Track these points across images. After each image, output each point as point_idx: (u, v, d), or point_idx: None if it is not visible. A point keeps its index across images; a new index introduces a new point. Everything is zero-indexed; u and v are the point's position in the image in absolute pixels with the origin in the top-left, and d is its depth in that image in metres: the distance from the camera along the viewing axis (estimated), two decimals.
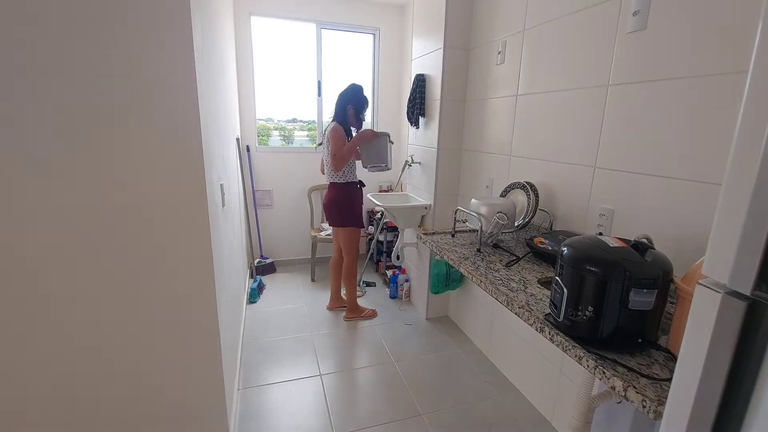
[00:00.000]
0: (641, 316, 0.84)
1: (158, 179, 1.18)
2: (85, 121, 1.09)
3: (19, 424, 1.24)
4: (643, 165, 1.30)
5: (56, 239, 1.14)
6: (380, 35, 3.54)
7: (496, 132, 2.15)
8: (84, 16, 1.03)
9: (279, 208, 3.58)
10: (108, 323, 1.25)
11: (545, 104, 1.76)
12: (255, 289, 2.98)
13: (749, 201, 0.50)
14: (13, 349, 1.18)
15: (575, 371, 1.63)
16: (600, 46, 1.44)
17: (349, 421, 1.80)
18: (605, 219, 1.44)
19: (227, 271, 1.77)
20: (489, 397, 1.99)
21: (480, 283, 1.29)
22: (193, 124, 1.19)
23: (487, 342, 2.33)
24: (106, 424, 1.33)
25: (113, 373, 1.29)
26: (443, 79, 2.39)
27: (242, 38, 3.18)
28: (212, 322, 1.36)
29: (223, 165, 1.86)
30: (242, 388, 1.99)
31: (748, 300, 0.51)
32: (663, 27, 1.22)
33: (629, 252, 0.85)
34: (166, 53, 1.11)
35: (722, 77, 1.06)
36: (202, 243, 1.28)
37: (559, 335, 0.93)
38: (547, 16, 1.72)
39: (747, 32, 1.01)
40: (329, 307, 2.88)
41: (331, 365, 2.22)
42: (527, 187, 1.73)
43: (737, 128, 0.52)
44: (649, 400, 0.72)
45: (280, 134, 3.66)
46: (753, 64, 0.50)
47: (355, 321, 2.73)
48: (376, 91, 3.68)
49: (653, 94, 1.25)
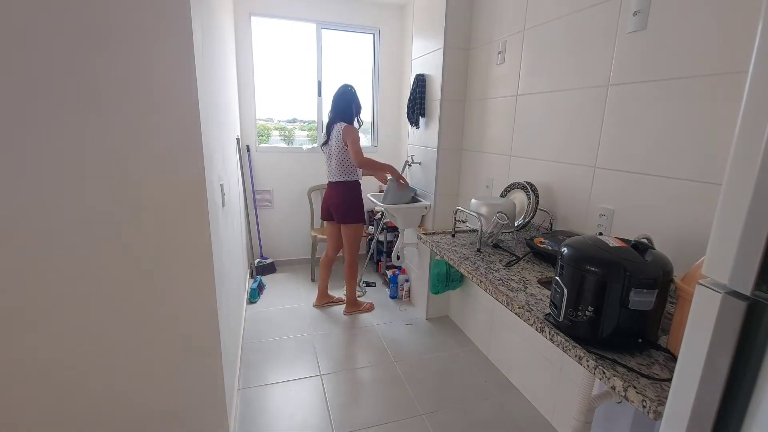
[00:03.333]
0: (641, 316, 0.84)
1: (158, 179, 1.18)
2: (84, 121, 1.09)
3: (18, 424, 1.24)
4: (643, 165, 1.30)
5: (56, 239, 1.13)
6: (380, 35, 3.54)
7: (496, 132, 2.15)
8: (84, 16, 1.03)
9: (279, 208, 3.58)
10: (108, 323, 1.25)
11: (545, 104, 1.76)
12: (255, 289, 2.98)
13: (749, 201, 0.50)
14: (13, 349, 1.18)
15: (575, 371, 1.63)
16: (600, 46, 1.44)
17: (349, 421, 1.80)
18: (605, 219, 1.44)
19: (227, 271, 1.77)
20: (489, 397, 1.99)
21: (480, 283, 1.29)
22: (193, 124, 1.19)
23: (487, 342, 2.33)
24: (106, 424, 1.33)
25: (113, 373, 1.29)
26: (443, 79, 2.39)
27: (242, 38, 3.18)
28: (212, 322, 1.36)
29: (223, 165, 1.86)
30: (242, 388, 1.99)
31: (748, 300, 0.51)
32: (663, 27, 1.22)
33: (629, 252, 0.85)
34: (166, 53, 1.11)
35: (722, 77, 1.06)
36: (202, 243, 1.28)
37: (559, 335, 0.93)
38: (547, 15, 1.72)
39: (747, 32, 1.01)
40: (316, 305, 2.91)
41: (331, 365, 2.22)
42: (527, 187, 1.73)
43: (737, 128, 0.52)
44: (649, 400, 0.72)
45: (280, 134, 3.66)
46: (753, 64, 0.50)
47: (355, 315, 2.79)
48: (376, 91, 3.68)
49: (653, 94, 1.25)
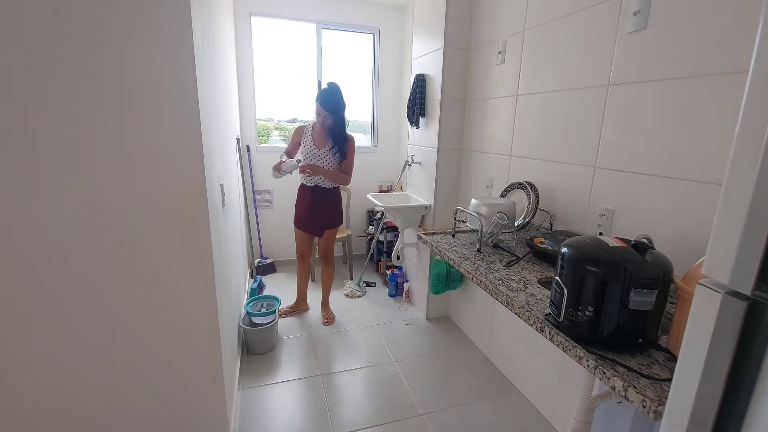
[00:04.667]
0: (641, 316, 0.84)
1: (158, 179, 1.18)
2: (84, 121, 1.09)
3: (18, 425, 1.24)
4: (643, 165, 1.30)
5: (56, 239, 1.13)
6: (380, 35, 3.54)
7: (496, 132, 2.15)
8: (84, 16, 1.03)
9: (279, 208, 3.57)
10: (108, 323, 1.25)
11: (545, 104, 1.76)
12: (255, 289, 2.98)
13: (749, 201, 0.50)
14: (13, 349, 1.18)
15: (575, 371, 1.63)
16: (600, 46, 1.44)
17: (349, 421, 1.80)
18: (605, 219, 1.44)
19: (227, 271, 1.77)
20: (489, 397, 1.99)
21: (480, 283, 1.29)
22: (193, 124, 1.19)
23: (487, 342, 2.33)
24: (106, 424, 1.33)
25: (113, 373, 1.29)
26: (443, 79, 2.39)
27: (242, 38, 3.18)
28: (212, 322, 1.36)
29: (223, 165, 1.86)
30: (242, 388, 1.99)
31: (748, 300, 0.51)
32: (663, 27, 1.22)
33: (629, 252, 0.85)
34: (166, 53, 1.11)
35: (722, 77, 1.06)
36: (202, 243, 1.28)
37: (560, 335, 0.93)
38: (547, 15, 1.72)
39: (747, 32, 1.01)
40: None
41: (331, 365, 2.22)
42: (527, 187, 1.73)
43: (737, 128, 0.52)
44: (649, 400, 0.72)
45: (280, 134, 3.66)
46: (753, 64, 0.50)
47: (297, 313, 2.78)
48: (376, 91, 3.68)
49: (654, 94, 1.25)
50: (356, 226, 3.79)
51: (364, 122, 3.81)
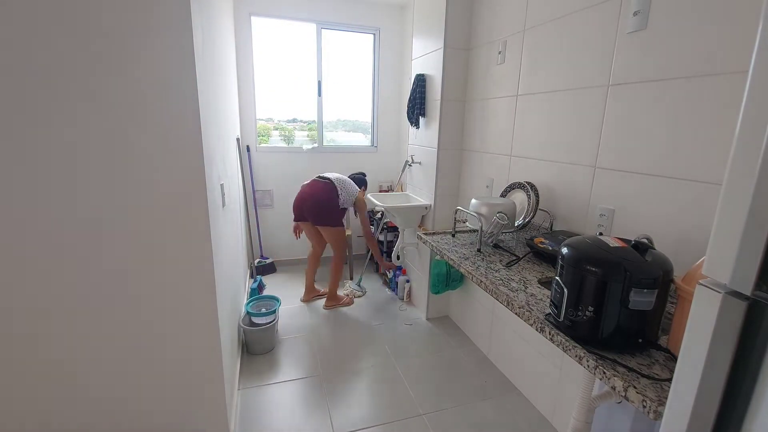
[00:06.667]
0: (641, 316, 0.84)
1: (158, 179, 1.18)
2: (84, 121, 1.09)
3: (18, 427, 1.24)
4: (643, 165, 1.30)
5: (56, 239, 1.14)
6: (380, 35, 3.54)
7: (496, 132, 2.15)
8: (84, 16, 1.03)
9: (279, 208, 3.57)
10: (108, 323, 1.25)
11: (545, 104, 1.76)
12: (255, 289, 2.97)
13: (749, 201, 0.50)
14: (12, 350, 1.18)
15: (575, 371, 1.63)
16: (600, 46, 1.44)
17: (348, 421, 1.80)
18: (605, 219, 1.44)
19: (227, 271, 1.78)
20: (489, 397, 1.99)
21: (480, 283, 1.29)
22: (193, 124, 1.19)
23: (487, 342, 2.33)
24: (107, 424, 1.33)
25: (113, 372, 1.29)
26: (443, 79, 2.39)
27: (242, 38, 3.18)
28: (212, 323, 1.36)
29: (223, 165, 1.86)
30: (242, 388, 1.99)
31: (748, 300, 0.51)
32: (663, 27, 1.22)
33: (629, 252, 0.85)
34: (166, 53, 1.11)
35: (722, 77, 1.06)
36: (202, 243, 1.28)
37: (560, 335, 0.93)
38: (547, 15, 1.72)
39: (747, 32, 1.01)
40: (304, 300, 3.02)
41: (331, 365, 2.22)
42: (527, 187, 1.73)
43: (737, 128, 0.52)
44: (649, 401, 0.72)
45: (280, 134, 3.66)
46: (753, 64, 0.50)
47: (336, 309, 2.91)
48: (376, 91, 3.68)
49: (653, 94, 1.25)
50: (356, 226, 3.78)
51: (364, 122, 3.81)
